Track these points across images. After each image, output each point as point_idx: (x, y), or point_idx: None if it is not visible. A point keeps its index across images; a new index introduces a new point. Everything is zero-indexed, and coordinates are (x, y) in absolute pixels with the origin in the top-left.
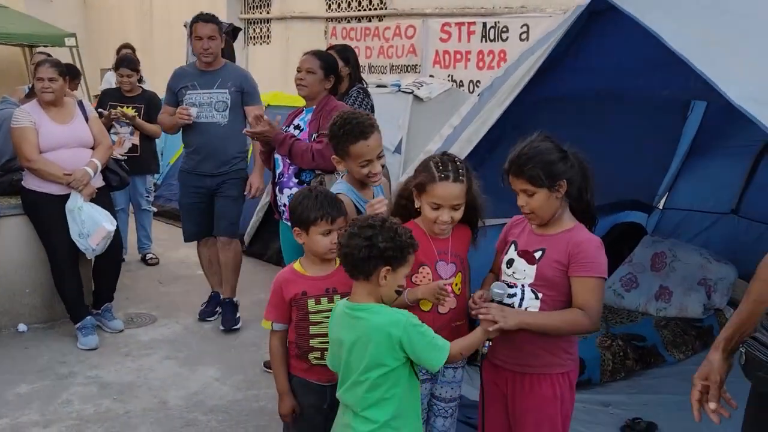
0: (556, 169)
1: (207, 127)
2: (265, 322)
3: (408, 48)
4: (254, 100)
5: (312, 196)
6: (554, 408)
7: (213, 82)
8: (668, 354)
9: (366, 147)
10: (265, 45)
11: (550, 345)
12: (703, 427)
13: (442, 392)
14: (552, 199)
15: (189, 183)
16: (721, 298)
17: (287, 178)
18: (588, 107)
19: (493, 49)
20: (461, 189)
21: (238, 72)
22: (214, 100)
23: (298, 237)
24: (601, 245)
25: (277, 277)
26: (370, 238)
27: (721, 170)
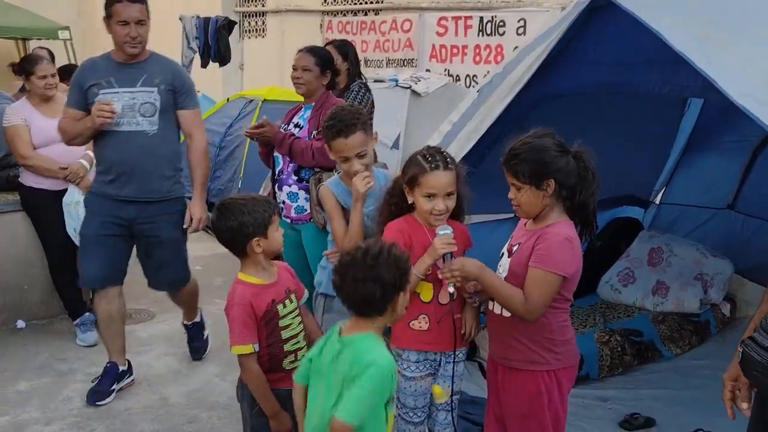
0: (545, 167)
1: (129, 137)
2: (242, 347)
3: (404, 42)
4: (189, 102)
5: (247, 202)
6: (538, 404)
7: (136, 78)
8: (665, 349)
9: (344, 144)
10: (260, 38)
11: (532, 342)
12: (701, 423)
13: (443, 386)
14: (537, 196)
15: (101, 210)
16: (717, 292)
17: (286, 176)
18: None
19: (490, 44)
20: (452, 176)
21: (167, 65)
22: (138, 101)
23: (257, 246)
24: (569, 241)
25: (239, 297)
26: (379, 278)
27: (718, 166)
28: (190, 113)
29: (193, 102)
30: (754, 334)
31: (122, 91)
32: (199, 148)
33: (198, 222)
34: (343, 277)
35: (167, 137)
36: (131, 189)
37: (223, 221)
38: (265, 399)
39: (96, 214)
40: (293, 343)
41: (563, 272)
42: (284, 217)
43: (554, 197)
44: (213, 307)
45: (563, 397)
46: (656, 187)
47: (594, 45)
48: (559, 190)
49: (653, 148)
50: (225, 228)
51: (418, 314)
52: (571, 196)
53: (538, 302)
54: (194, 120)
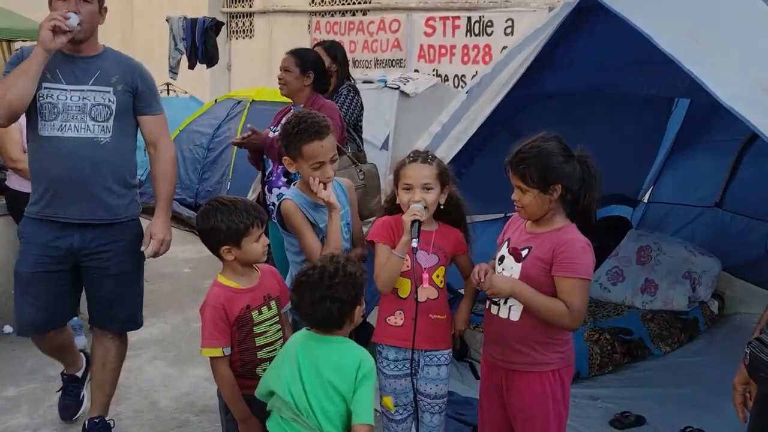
0: (552, 173)
1: (76, 145)
2: (211, 349)
3: (392, 42)
4: (154, 106)
5: (227, 208)
6: (544, 406)
7: (87, 74)
8: (655, 347)
9: (320, 147)
10: (248, 39)
11: (540, 344)
12: (691, 420)
13: (426, 389)
14: (543, 200)
15: (38, 239)
16: (705, 290)
17: (276, 178)
18: (574, 103)
19: (478, 44)
20: (430, 170)
21: (127, 62)
22: (89, 102)
23: (228, 254)
24: (588, 246)
25: (213, 299)
26: (335, 297)
27: (705, 164)
28: (155, 120)
29: (159, 106)
30: (761, 336)
31: (70, 88)
32: (166, 158)
33: (159, 244)
34: (301, 296)
35: (123, 147)
36: (76, 209)
37: (199, 221)
38: (234, 403)
39: (32, 245)
40: (268, 350)
41: (590, 276)
42: (274, 218)
43: (558, 201)
44: None
45: (566, 396)
46: (644, 186)
47: (582, 46)
48: (564, 195)
49: (641, 148)
50: (199, 228)
51: (395, 310)
52: (575, 201)
53: (581, 309)
54: (160, 127)
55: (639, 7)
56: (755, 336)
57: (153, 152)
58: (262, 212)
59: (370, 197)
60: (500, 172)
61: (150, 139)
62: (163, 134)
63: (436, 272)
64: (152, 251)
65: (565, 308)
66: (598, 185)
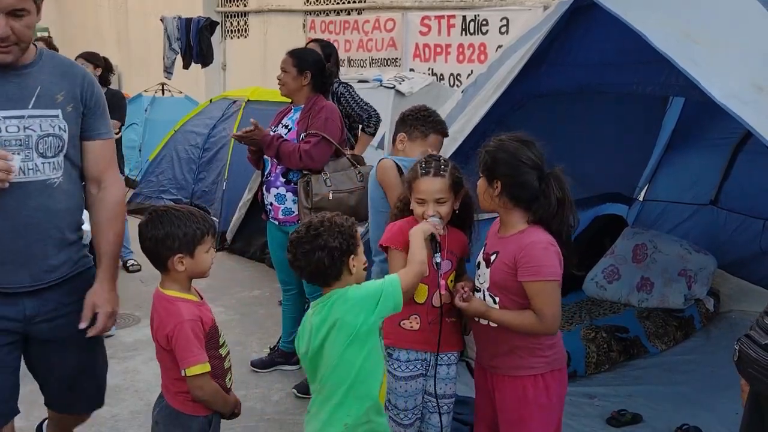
0: (498, 169)
1: (24, 192)
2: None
3: (388, 41)
4: (102, 129)
5: (181, 214)
6: (528, 411)
7: (25, 93)
8: (651, 345)
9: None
10: (242, 39)
11: (519, 348)
12: (687, 418)
13: (446, 389)
14: (488, 192)
15: None
16: (701, 288)
17: (274, 178)
18: (569, 102)
19: (473, 43)
20: (443, 183)
21: (72, 70)
22: (35, 133)
23: (179, 265)
24: (550, 245)
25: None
26: (324, 245)
27: (700, 162)
28: (102, 146)
29: (107, 128)
30: (751, 332)
31: (4, 115)
32: (113, 200)
33: (106, 318)
34: (294, 253)
35: (73, 185)
36: (26, 275)
37: (148, 228)
38: (227, 403)
39: None
40: (228, 360)
41: (558, 277)
42: (272, 218)
43: (508, 202)
44: None
45: (551, 401)
46: (640, 184)
47: (577, 45)
48: (505, 196)
49: (636, 146)
50: (148, 236)
51: (410, 314)
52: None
53: (551, 313)
54: (108, 157)
55: (633, 6)
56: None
57: (95, 192)
58: (213, 222)
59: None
60: None
61: (93, 174)
62: (110, 167)
63: (450, 277)
64: (98, 330)
65: (533, 318)
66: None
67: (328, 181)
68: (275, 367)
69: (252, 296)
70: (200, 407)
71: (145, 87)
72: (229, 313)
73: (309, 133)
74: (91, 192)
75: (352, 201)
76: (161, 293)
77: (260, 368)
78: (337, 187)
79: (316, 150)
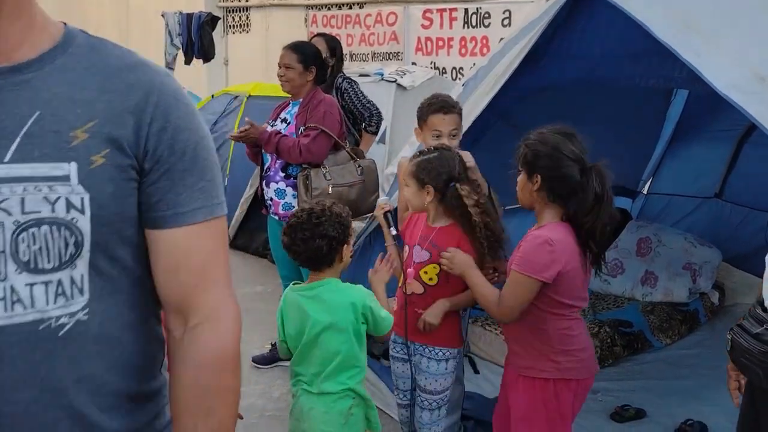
0: (539, 163)
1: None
2: None
3: (389, 35)
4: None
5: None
6: (533, 412)
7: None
8: (655, 339)
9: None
10: (244, 34)
11: (529, 347)
12: (691, 413)
13: (426, 384)
14: (527, 187)
15: None
16: (705, 281)
17: (273, 172)
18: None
19: (476, 36)
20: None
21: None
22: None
23: None
24: (548, 244)
25: None
26: (324, 234)
27: (704, 155)
28: (197, 237)
29: (203, 200)
30: (743, 321)
31: None
32: (210, 354)
33: None
34: (292, 237)
35: (123, 325)
36: None
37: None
38: None
39: None
40: None
41: (537, 275)
42: (272, 213)
43: (546, 197)
44: None
45: (561, 411)
46: (644, 177)
47: (579, 37)
48: (544, 191)
49: (640, 139)
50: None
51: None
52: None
53: (509, 303)
54: (205, 261)
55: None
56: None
57: (178, 334)
58: None
59: (369, 193)
60: (498, 164)
61: (176, 298)
62: (211, 282)
63: (424, 269)
64: None
65: (495, 298)
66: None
67: (328, 175)
68: (276, 364)
69: (254, 292)
70: None
71: None
72: None
73: (308, 126)
74: (173, 333)
75: (353, 195)
76: None
77: (261, 364)
78: (337, 180)
79: (316, 144)
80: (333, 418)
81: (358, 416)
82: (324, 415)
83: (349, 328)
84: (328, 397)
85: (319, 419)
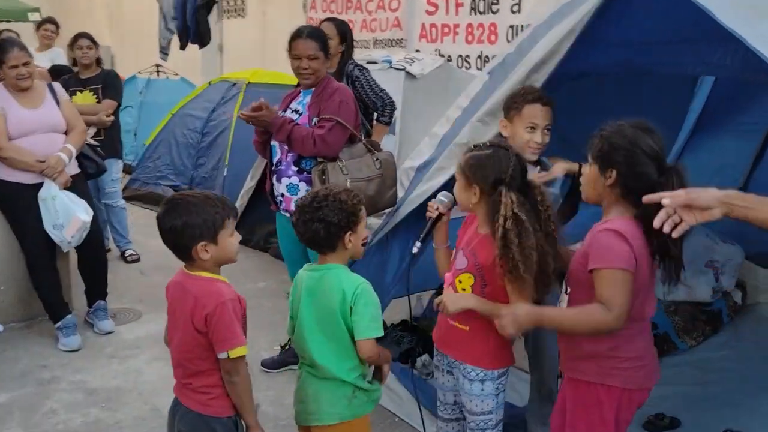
0: (616, 157)
1: None
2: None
3: (392, 21)
4: None
5: (197, 200)
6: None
7: None
8: (680, 341)
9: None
10: (240, 18)
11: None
12: (726, 421)
13: (471, 406)
14: (598, 181)
15: None
16: (729, 280)
17: (285, 166)
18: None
19: (483, 23)
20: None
21: None
22: None
23: (204, 253)
24: (618, 234)
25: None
26: (323, 218)
27: (729, 147)
28: None
29: None
30: None
31: None
32: None
33: None
34: (297, 218)
35: None
36: None
37: (165, 218)
38: (251, 401)
39: None
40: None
41: (625, 264)
42: (283, 210)
43: (619, 193)
44: None
45: (604, 418)
46: None
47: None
48: (618, 187)
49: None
50: (167, 227)
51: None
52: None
53: (619, 303)
54: None
55: None
56: None
57: None
58: (232, 205)
59: (387, 188)
60: None
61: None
62: None
63: (460, 277)
64: None
65: (598, 309)
66: None
67: (345, 170)
68: (287, 367)
69: (257, 288)
70: (226, 405)
71: (139, 68)
72: None
73: (322, 117)
74: None
75: (371, 190)
76: (193, 275)
77: (271, 368)
78: (355, 175)
79: (332, 135)
80: (337, 400)
81: (362, 398)
82: (328, 396)
83: (338, 317)
84: (332, 383)
85: (323, 401)
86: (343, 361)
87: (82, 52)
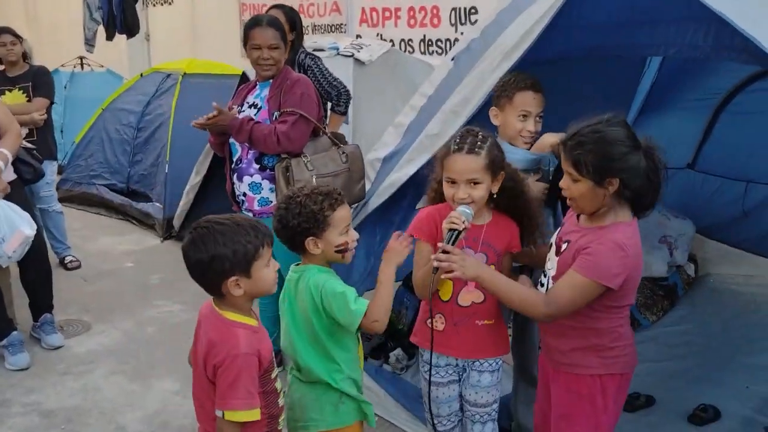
0: (612, 164)
1: None
2: (249, 412)
3: (331, 6)
4: None
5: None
6: (579, 407)
7: None
8: (642, 317)
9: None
10: (167, 6)
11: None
12: (701, 396)
13: (477, 398)
14: (597, 194)
15: None
16: (682, 254)
17: (246, 164)
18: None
19: (425, 5)
20: (477, 163)
21: None
22: None
23: (236, 289)
24: (621, 249)
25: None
26: (283, 221)
27: (678, 125)
28: None
29: None
30: None
31: None
32: None
33: None
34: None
35: None
36: None
37: (192, 251)
38: None
39: None
40: (282, 395)
41: (606, 282)
42: (246, 210)
43: (614, 197)
44: (154, 311)
45: (607, 406)
46: None
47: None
48: (621, 191)
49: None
50: (194, 261)
51: (435, 313)
52: (634, 198)
53: (563, 305)
54: None
55: None
56: None
57: None
58: (267, 228)
59: (355, 182)
60: None
61: None
62: None
63: None
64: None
65: (541, 303)
66: (659, 180)
67: (310, 165)
68: None
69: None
70: None
71: (61, 62)
72: (188, 311)
73: (284, 111)
74: None
75: (338, 185)
76: (217, 313)
77: None
78: (320, 171)
79: (295, 130)
80: (323, 406)
81: (350, 405)
82: (314, 402)
83: (313, 319)
84: (318, 387)
85: (309, 407)
86: (324, 362)
87: (6, 49)
